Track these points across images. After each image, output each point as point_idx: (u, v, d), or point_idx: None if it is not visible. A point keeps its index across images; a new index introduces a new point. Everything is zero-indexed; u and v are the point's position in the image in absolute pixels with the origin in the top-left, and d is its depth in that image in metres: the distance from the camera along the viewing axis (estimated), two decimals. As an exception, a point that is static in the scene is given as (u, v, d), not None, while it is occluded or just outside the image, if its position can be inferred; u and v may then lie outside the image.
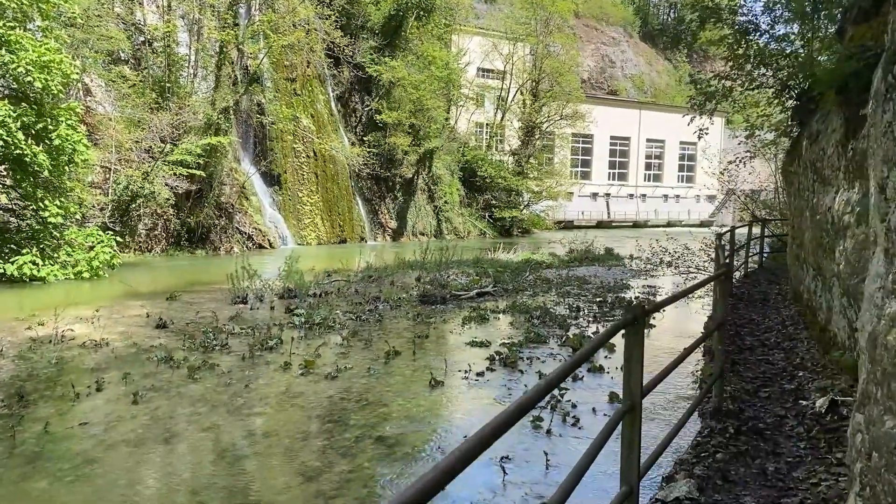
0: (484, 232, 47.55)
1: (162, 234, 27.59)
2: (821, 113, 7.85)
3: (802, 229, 9.62)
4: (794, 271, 11.78)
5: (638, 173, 79.97)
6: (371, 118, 40.78)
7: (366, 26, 40.63)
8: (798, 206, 10.19)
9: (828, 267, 7.49)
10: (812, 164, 8.28)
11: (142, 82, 26.94)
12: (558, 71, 51.92)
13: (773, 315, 11.96)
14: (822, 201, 7.47)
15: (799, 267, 10.84)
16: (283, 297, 17.18)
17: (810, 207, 8.59)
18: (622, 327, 3.71)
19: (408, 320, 14.69)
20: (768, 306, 12.96)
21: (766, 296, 14.43)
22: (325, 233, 36.21)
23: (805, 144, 9.02)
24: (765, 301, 13.68)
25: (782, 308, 12.50)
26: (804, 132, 9.22)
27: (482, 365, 10.86)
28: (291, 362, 10.82)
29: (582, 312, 15.94)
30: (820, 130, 7.76)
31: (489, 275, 21.79)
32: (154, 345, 12.02)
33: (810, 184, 8.56)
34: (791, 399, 7.15)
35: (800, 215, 10.00)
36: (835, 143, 6.84)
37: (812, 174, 8.37)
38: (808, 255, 9.31)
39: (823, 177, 7.50)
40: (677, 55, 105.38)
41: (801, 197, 9.83)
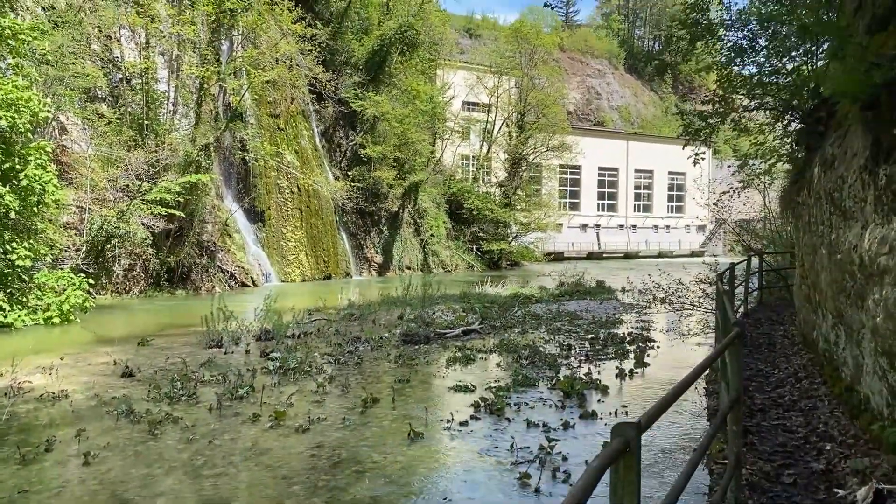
0: (472, 265, 46.96)
1: (140, 275, 26.79)
2: (836, 135, 6.98)
3: (817, 269, 8.54)
4: (805, 314, 10.73)
5: (627, 204, 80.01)
6: (356, 152, 40.39)
7: (349, 62, 40.48)
8: (809, 243, 9.17)
9: (854, 317, 6.44)
10: (828, 194, 7.24)
11: (119, 120, 26.38)
12: (544, 103, 51.95)
13: (782, 364, 10.77)
14: (844, 238, 6.50)
15: (811, 310, 9.78)
16: (261, 340, 16.43)
17: (827, 245, 7.52)
18: (612, 460, 2.54)
19: (389, 362, 13.98)
20: (775, 352, 11.83)
21: (771, 339, 13.27)
22: (310, 269, 35.50)
23: (817, 172, 8.07)
24: (770, 346, 12.54)
25: (792, 355, 11.32)
26: (814, 158, 8.38)
27: (466, 413, 10.16)
28: (261, 413, 10.08)
29: (573, 350, 15.30)
30: (836, 155, 6.90)
31: (476, 311, 21.14)
32: (117, 396, 11.23)
33: (826, 217, 7.51)
34: (822, 485, 5.79)
35: (812, 252, 8.98)
36: (858, 168, 5.85)
37: (828, 206, 7.32)
38: (824, 300, 8.25)
39: (844, 209, 6.47)
40: (663, 86, 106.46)
41: (812, 232, 8.79)
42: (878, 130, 4.74)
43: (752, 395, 8.91)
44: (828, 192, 7.28)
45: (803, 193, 9.29)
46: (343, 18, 40.12)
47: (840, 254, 6.64)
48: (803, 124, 8.72)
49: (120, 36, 28.21)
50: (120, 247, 23.38)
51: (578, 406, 10.59)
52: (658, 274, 20.66)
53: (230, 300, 25.09)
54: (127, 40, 28.85)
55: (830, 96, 6.53)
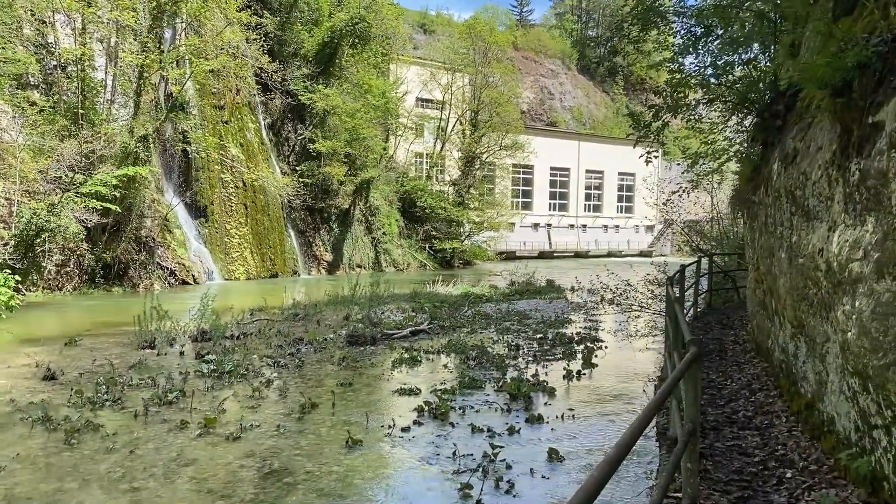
0: (424, 264, 46.49)
1: (74, 271, 25.56)
2: (797, 128, 6.45)
3: (774, 274, 7.84)
4: (759, 321, 9.95)
5: (578, 204, 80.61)
6: (305, 147, 39.48)
7: (299, 53, 39.52)
8: (766, 245, 8.42)
9: (818, 328, 5.82)
10: (789, 192, 6.61)
11: (52, 108, 25.07)
12: (497, 101, 51.78)
13: (735, 374, 10.11)
14: (807, 240, 5.89)
15: (767, 317, 9.04)
16: (197, 341, 15.68)
17: (787, 248, 6.86)
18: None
19: (332, 365, 13.44)
20: (727, 360, 11.20)
21: (722, 345, 12.55)
22: (255, 267, 34.51)
23: (776, 168, 7.38)
24: (722, 353, 11.86)
25: (744, 363, 10.69)
26: (771, 154, 7.79)
27: (409, 418, 9.72)
28: (190, 420, 9.46)
29: (521, 351, 15.01)
30: (798, 149, 6.31)
31: (425, 311, 20.72)
32: (35, 401, 10.46)
33: (786, 217, 6.84)
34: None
35: (769, 255, 8.23)
36: (823, 164, 5.29)
37: (789, 205, 6.66)
38: (782, 307, 7.57)
39: (807, 209, 5.88)
40: (614, 88, 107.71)
41: (770, 233, 8.05)
42: (849, 119, 4.31)
43: (704, 411, 8.30)
44: (788, 190, 6.71)
45: (759, 192, 8.65)
46: (292, 8, 39.12)
47: (802, 258, 6.08)
48: (759, 118, 8.33)
49: (55, 20, 26.85)
50: (51, 241, 22.18)
51: (525, 409, 10.26)
52: (606, 274, 20.36)
53: (169, 298, 24.17)
54: (63, 25, 27.49)
55: (790, 87, 6.13)
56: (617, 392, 11.54)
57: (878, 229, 4.39)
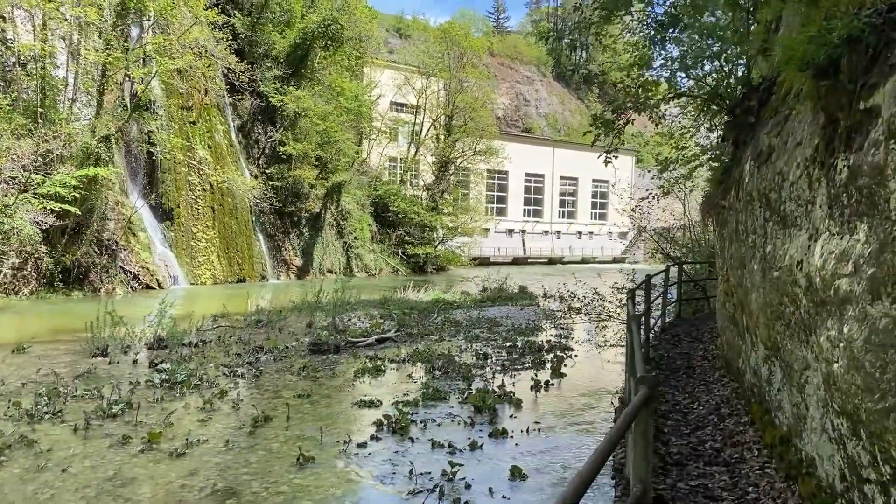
0: (397, 269, 45.96)
1: (32, 275, 24.66)
2: (772, 122, 5.74)
3: (746, 287, 7.04)
4: (728, 337, 9.13)
5: (552, 210, 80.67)
6: (275, 150, 38.80)
7: (270, 54, 38.86)
8: (737, 255, 7.62)
9: (796, 353, 5.02)
10: (762, 195, 5.84)
11: (10, 106, 24.20)
12: (472, 106, 51.52)
13: (702, 395, 9.40)
14: (783, 251, 5.12)
15: (737, 334, 8.23)
16: (153, 349, 15.06)
17: (760, 258, 6.07)
18: None
19: (291, 375, 12.92)
20: (695, 378, 10.48)
21: (690, 360, 11.87)
22: (222, 271, 33.74)
23: (748, 169, 6.61)
24: (690, 370, 11.15)
25: (713, 383, 9.97)
26: (743, 154, 7.03)
27: (367, 432, 9.27)
28: (134, 435, 8.90)
29: (490, 360, 14.61)
30: (773, 146, 5.55)
31: (394, 317, 20.25)
32: (-34, 415, 9.81)
33: (759, 224, 6.04)
34: None
35: (740, 266, 7.44)
36: (804, 161, 4.53)
37: (763, 210, 5.88)
38: (754, 325, 6.77)
39: (783, 214, 5.13)
40: (589, 95, 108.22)
41: (741, 241, 7.24)
42: (836, 106, 3.72)
43: (667, 440, 7.56)
44: (762, 193, 5.95)
45: (730, 196, 7.90)
46: (263, 9, 38.46)
47: (777, 270, 5.28)
48: (730, 115, 7.84)
49: (14, 16, 25.97)
50: (5, 244, 21.33)
51: (489, 423, 9.86)
52: (574, 283, 19.97)
53: (131, 303, 23.41)
54: (23, 21, 26.62)
55: (764, 80, 5.68)
56: (585, 404, 11.18)
57: (873, 239, 3.64)
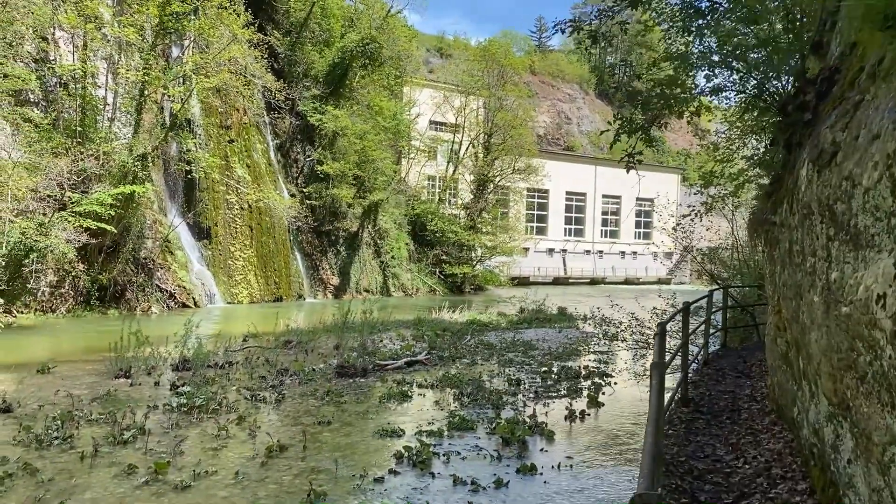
0: (434, 288, 45.45)
1: (69, 293, 24.81)
2: (837, 113, 4.51)
3: (803, 323, 5.58)
4: (781, 379, 7.45)
5: (594, 229, 79.41)
6: (313, 169, 38.85)
7: (309, 74, 39.04)
8: (791, 282, 6.07)
9: (876, 419, 3.64)
10: (825, 207, 4.54)
11: (51, 126, 24.54)
12: (511, 124, 50.98)
13: (749, 448, 7.54)
14: (854, 279, 3.85)
15: (791, 378, 6.62)
16: (178, 370, 14.75)
17: (822, 288, 4.68)
18: None
19: (315, 399, 12.41)
20: (739, 425, 8.62)
21: (735, 401, 10.03)
22: (259, 290, 33.66)
23: (804, 174, 5.22)
24: (734, 413, 9.33)
25: (762, 431, 8.10)
26: (799, 156, 5.59)
27: (385, 465, 8.67)
28: (140, 464, 8.46)
29: (522, 386, 13.90)
30: (839, 143, 4.32)
31: (425, 339, 19.67)
32: (-24, 439, 9.52)
33: (821, 245, 4.67)
34: None
35: (795, 297, 5.94)
36: (884, 160, 3.36)
37: (825, 226, 4.55)
38: (814, 371, 5.29)
39: (855, 231, 3.85)
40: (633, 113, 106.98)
41: (796, 266, 5.73)
42: None
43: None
44: (824, 204, 4.64)
45: (782, 210, 6.46)
46: (303, 28, 38.71)
47: (847, 306, 3.99)
48: (781, 114, 6.61)
49: (57, 38, 26.44)
50: (39, 262, 21.45)
51: (518, 457, 9.18)
52: (610, 306, 18.87)
53: (166, 322, 23.30)
54: (66, 42, 27.09)
55: (822, 72, 4.79)
56: (623, 437, 10.39)
57: None
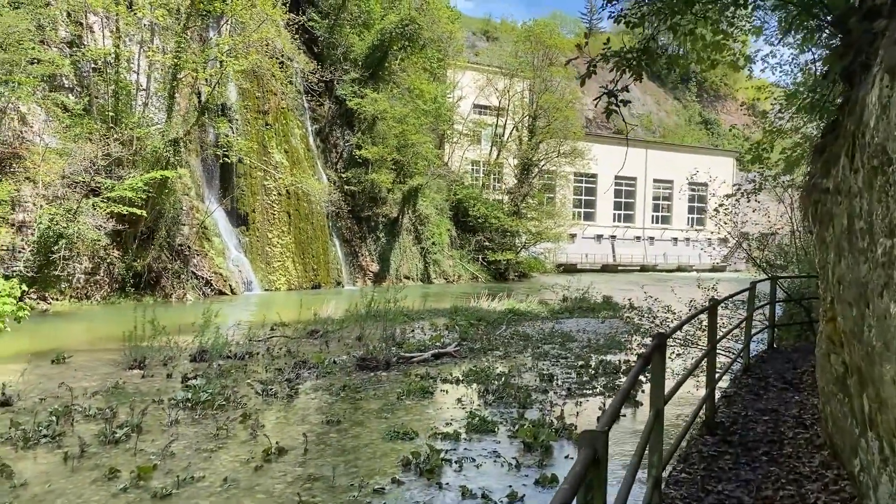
0: (476, 275, 44.45)
1: (104, 280, 24.70)
2: None
3: (870, 344, 3.79)
4: (835, 410, 5.40)
5: (645, 215, 77.10)
6: (352, 154, 38.20)
7: (348, 56, 38.29)
8: (853, 278, 4.22)
9: None
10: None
11: (85, 111, 24.36)
12: (556, 106, 49.35)
13: (789, 496, 5.26)
14: None
15: (851, 418, 4.77)
16: (196, 360, 14.19)
17: None
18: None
19: (330, 395, 11.64)
20: (779, 464, 6.08)
21: (777, 427, 7.28)
22: (297, 277, 33.25)
23: (876, 100, 3.42)
24: (773, 445, 6.65)
25: (807, 477, 5.64)
26: (864, 87, 3.76)
27: (390, 473, 7.83)
28: (124, 468, 7.79)
29: (555, 382, 12.87)
30: None
31: (457, 330, 18.76)
32: (-35, 435, 9.01)
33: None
34: None
35: (858, 300, 4.13)
36: None
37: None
38: (891, 424, 3.49)
39: None
40: (686, 95, 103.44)
41: (860, 253, 3.97)
42: None
43: None
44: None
45: (837, 168, 4.51)
46: (341, 10, 37.93)
47: None
48: (839, 31, 4.88)
49: (90, 22, 26.24)
50: (68, 248, 21.27)
51: (539, 465, 8.22)
52: (644, 298, 17.32)
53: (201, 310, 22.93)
54: (100, 28, 26.90)
55: None
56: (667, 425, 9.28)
57: None
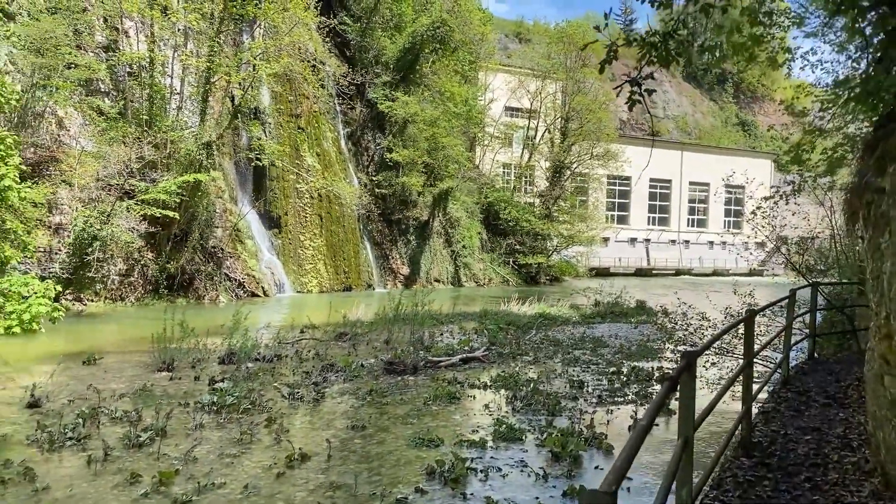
0: (507, 279, 44.13)
1: (138, 281, 25.00)
2: None
3: None
4: (889, 440, 4.92)
5: (680, 218, 75.95)
6: (383, 157, 38.24)
7: (379, 60, 38.35)
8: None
9: None
10: None
11: (120, 115, 24.71)
12: (589, 108, 48.79)
13: None
14: None
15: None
16: (225, 363, 14.20)
17: None
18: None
19: (356, 399, 11.51)
20: (824, 492, 5.40)
21: (820, 448, 6.57)
22: (329, 279, 33.33)
23: None
24: (816, 469, 5.99)
25: None
26: None
27: (413, 482, 7.66)
28: (146, 473, 7.73)
29: (585, 389, 12.58)
30: None
31: (486, 334, 18.54)
32: (-6, 436, 9.08)
33: None
34: None
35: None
36: None
37: None
38: None
39: None
40: (723, 96, 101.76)
41: None
42: None
43: None
44: None
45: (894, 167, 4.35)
46: (373, 13, 38.00)
47: None
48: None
49: (126, 27, 26.63)
50: (101, 250, 21.55)
51: (567, 475, 7.97)
52: (678, 305, 16.87)
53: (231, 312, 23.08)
54: (135, 32, 27.28)
55: None
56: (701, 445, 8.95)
57: None
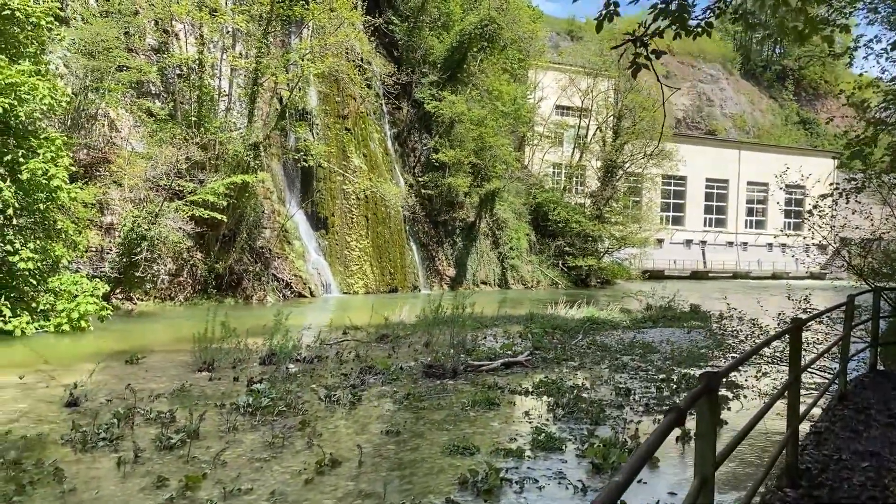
0: (556, 282, 43.39)
1: (188, 281, 25.36)
2: None
3: None
4: None
5: (738, 219, 73.76)
6: (429, 157, 38.05)
7: (427, 59, 38.18)
8: None
9: None
10: None
11: (170, 116, 25.12)
12: (642, 106, 47.64)
13: None
14: None
15: None
16: (265, 363, 14.14)
17: None
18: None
19: (393, 403, 11.24)
20: None
21: (879, 478, 5.85)
22: (375, 281, 33.29)
23: None
24: (878, 487, 5.63)
25: None
26: None
27: (445, 492, 7.30)
28: (174, 476, 7.57)
29: (632, 397, 12.02)
30: None
31: (531, 338, 18.08)
32: (29, 435, 9.09)
33: None
34: None
35: None
36: None
37: None
38: None
39: None
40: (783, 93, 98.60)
41: None
42: None
43: None
44: None
45: None
46: (420, 12, 37.84)
47: None
48: None
49: (176, 30, 27.07)
50: (150, 250, 21.88)
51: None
52: (728, 310, 16.09)
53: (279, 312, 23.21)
54: (185, 34, 27.72)
55: None
56: (743, 467, 8.39)
57: None
